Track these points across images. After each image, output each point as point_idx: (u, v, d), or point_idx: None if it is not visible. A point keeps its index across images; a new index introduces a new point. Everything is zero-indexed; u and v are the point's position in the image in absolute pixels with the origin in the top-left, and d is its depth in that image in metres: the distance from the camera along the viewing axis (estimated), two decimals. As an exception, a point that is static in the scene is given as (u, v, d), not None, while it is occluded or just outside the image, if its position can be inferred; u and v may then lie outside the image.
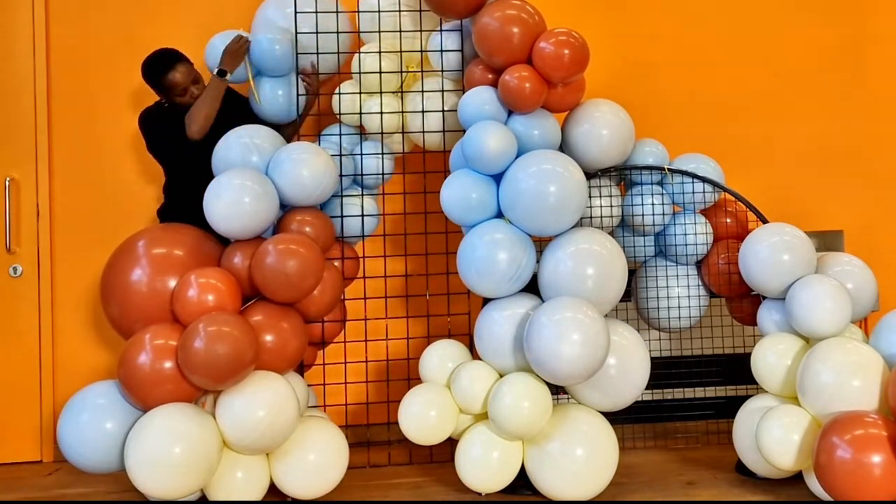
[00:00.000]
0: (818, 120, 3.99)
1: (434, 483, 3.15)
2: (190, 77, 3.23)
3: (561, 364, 2.69)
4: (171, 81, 3.19)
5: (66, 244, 3.68)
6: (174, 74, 3.19)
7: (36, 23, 3.68)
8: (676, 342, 3.69)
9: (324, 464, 2.88)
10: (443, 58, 3.29)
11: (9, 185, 3.63)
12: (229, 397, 2.73)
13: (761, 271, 3.04)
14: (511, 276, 2.92)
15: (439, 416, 2.93)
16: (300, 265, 2.83)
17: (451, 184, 3.02)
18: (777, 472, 2.90)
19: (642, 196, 3.36)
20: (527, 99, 3.01)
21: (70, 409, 2.77)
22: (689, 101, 3.92)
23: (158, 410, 2.66)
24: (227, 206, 2.87)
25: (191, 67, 3.25)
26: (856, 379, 2.68)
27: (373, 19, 3.33)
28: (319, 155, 3.06)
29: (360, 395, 3.46)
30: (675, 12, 3.97)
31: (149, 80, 3.25)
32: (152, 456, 2.59)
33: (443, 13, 3.22)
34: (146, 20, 3.75)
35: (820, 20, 4.02)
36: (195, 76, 3.26)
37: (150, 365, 2.69)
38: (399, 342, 3.44)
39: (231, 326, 2.68)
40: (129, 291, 2.89)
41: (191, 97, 3.21)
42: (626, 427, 3.47)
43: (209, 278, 2.81)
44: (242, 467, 2.78)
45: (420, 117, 3.33)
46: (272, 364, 2.83)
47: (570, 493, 2.86)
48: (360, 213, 3.35)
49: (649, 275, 3.44)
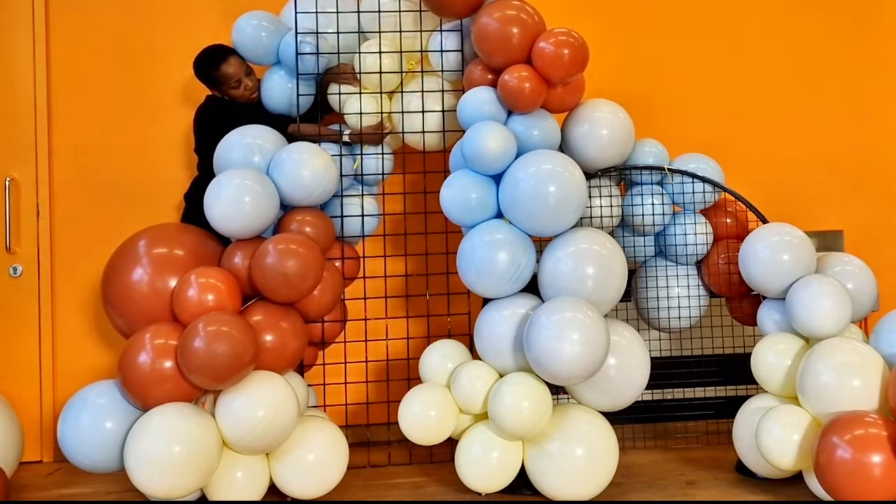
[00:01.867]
0: (818, 120, 3.99)
1: (434, 483, 3.14)
2: (242, 68, 3.32)
3: (561, 364, 2.69)
4: (224, 74, 3.28)
5: (66, 244, 3.68)
6: (227, 66, 3.28)
7: (36, 23, 3.68)
8: (676, 342, 3.69)
9: (323, 464, 2.88)
10: (443, 58, 3.29)
11: (9, 185, 3.63)
12: (229, 397, 2.73)
13: (761, 271, 3.04)
14: (511, 276, 2.92)
15: (439, 416, 2.93)
16: (300, 265, 2.83)
17: (451, 184, 3.02)
18: (777, 472, 2.90)
19: (642, 196, 3.36)
20: (526, 99, 3.01)
21: (70, 408, 2.77)
22: (689, 101, 3.93)
23: (158, 410, 2.66)
24: (227, 206, 2.88)
25: (242, 60, 3.32)
26: (856, 379, 2.67)
27: (373, 19, 3.32)
28: (320, 155, 3.06)
29: (360, 395, 3.46)
30: (675, 12, 3.97)
31: (203, 76, 3.34)
32: (152, 455, 2.59)
33: (442, 13, 3.22)
34: (146, 20, 3.75)
35: (820, 20, 4.02)
36: (247, 68, 3.34)
37: (150, 364, 2.69)
38: (399, 342, 3.44)
39: (230, 326, 2.68)
40: (130, 291, 2.90)
41: (245, 88, 3.31)
42: (626, 427, 3.47)
43: (209, 278, 2.81)
44: (242, 467, 2.78)
45: (419, 117, 3.33)
46: (272, 364, 2.83)
47: (570, 493, 2.86)
48: (360, 213, 3.36)
49: (649, 275, 3.44)
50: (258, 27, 3.33)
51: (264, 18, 3.36)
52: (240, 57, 3.33)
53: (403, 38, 3.33)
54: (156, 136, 3.73)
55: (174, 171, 3.70)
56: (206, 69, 3.31)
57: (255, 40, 3.32)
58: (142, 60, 3.74)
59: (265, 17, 3.37)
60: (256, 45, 3.33)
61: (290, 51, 3.28)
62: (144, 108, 3.74)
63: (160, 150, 3.72)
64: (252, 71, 3.36)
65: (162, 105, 3.72)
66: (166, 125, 3.70)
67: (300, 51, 3.26)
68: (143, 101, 3.74)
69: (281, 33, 3.34)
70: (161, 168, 3.72)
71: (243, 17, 3.35)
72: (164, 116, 3.71)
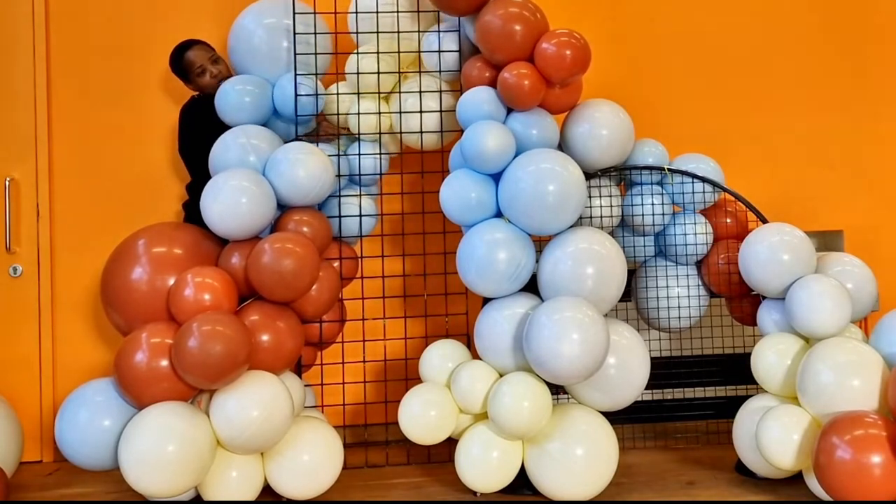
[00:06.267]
0: (818, 120, 3.99)
1: (433, 483, 3.14)
2: (207, 55, 3.36)
3: (561, 364, 2.69)
4: (187, 61, 3.35)
5: (66, 244, 3.68)
6: (189, 54, 3.34)
7: (36, 23, 3.69)
8: (676, 342, 3.69)
9: (318, 464, 2.87)
10: (440, 58, 3.29)
11: (9, 185, 3.63)
12: (223, 396, 2.72)
13: (761, 271, 3.04)
14: (510, 275, 2.92)
15: (439, 415, 2.93)
16: (296, 264, 2.83)
17: (451, 183, 3.02)
18: (777, 472, 2.90)
19: (642, 196, 3.36)
20: (525, 95, 3.00)
21: (68, 406, 2.78)
22: (689, 101, 3.92)
23: (152, 409, 2.66)
24: (224, 207, 2.87)
25: (207, 48, 3.38)
26: (856, 379, 2.67)
27: (369, 20, 3.31)
28: (316, 155, 3.05)
29: (357, 395, 3.46)
30: (675, 12, 3.97)
31: (174, 70, 3.40)
32: (145, 454, 2.59)
33: (445, 10, 3.21)
34: (146, 20, 3.75)
35: (820, 20, 4.01)
36: (213, 56, 3.38)
37: (146, 363, 2.69)
38: (397, 342, 3.44)
39: (225, 326, 2.68)
40: (129, 290, 2.90)
41: (211, 76, 3.34)
42: (626, 427, 3.46)
43: (205, 277, 2.81)
44: (237, 467, 2.78)
45: (416, 118, 3.33)
46: (268, 364, 2.83)
47: (570, 492, 2.85)
48: (357, 213, 3.35)
49: (649, 275, 3.43)
50: (242, 92, 3.22)
51: (248, 82, 3.26)
52: (205, 45, 3.38)
53: (400, 38, 3.32)
54: (156, 137, 3.72)
55: (174, 171, 3.69)
56: (174, 60, 3.37)
57: (239, 104, 3.20)
58: (143, 61, 3.74)
59: (249, 80, 3.28)
60: (240, 108, 3.20)
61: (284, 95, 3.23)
62: (145, 109, 3.74)
63: (161, 151, 3.72)
64: (220, 59, 3.39)
65: (163, 105, 3.72)
66: (167, 125, 3.69)
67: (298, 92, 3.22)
68: (143, 101, 3.75)
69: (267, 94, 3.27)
70: (161, 168, 3.72)
71: (228, 82, 3.26)
72: (165, 116, 3.70)
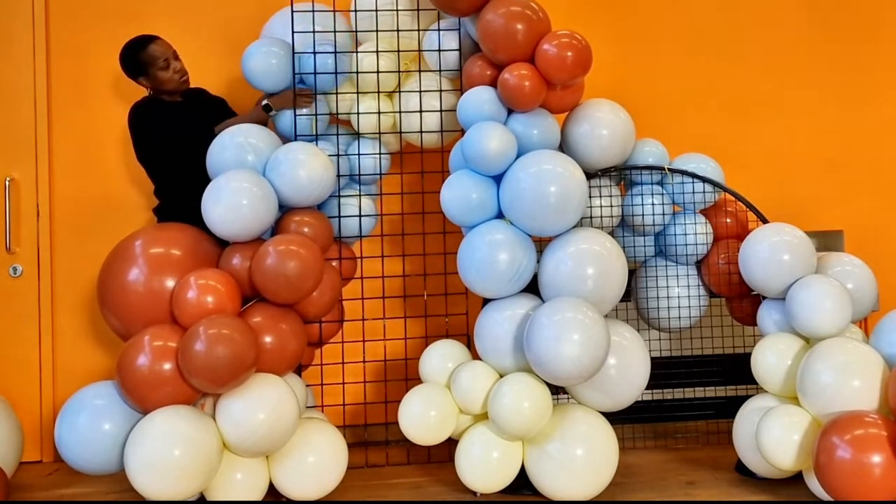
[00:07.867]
0: (818, 120, 3.98)
1: (433, 483, 3.14)
2: (170, 49, 3.23)
3: (561, 364, 2.69)
4: (152, 54, 3.17)
5: (66, 244, 3.68)
6: (152, 47, 3.18)
7: (36, 23, 3.68)
8: (676, 342, 3.69)
9: (323, 466, 2.88)
10: (440, 57, 3.28)
11: (9, 185, 3.63)
12: (229, 400, 2.72)
13: (761, 271, 3.04)
14: (511, 276, 2.92)
15: (440, 416, 2.93)
16: (300, 266, 2.82)
17: (452, 184, 3.02)
18: (777, 472, 2.90)
19: (642, 196, 3.36)
20: (526, 97, 3.00)
21: (68, 409, 2.76)
22: (689, 101, 3.92)
23: (158, 413, 2.65)
24: (226, 210, 2.86)
25: (167, 43, 3.23)
26: (856, 379, 2.67)
27: (369, 18, 3.32)
28: (317, 156, 3.04)
29: (357, 396, 3.46)
30: (675, 12, 3.97)
31: (129, 64, 3.22)
32: (153, 459, 2.58)
33: (447, 9, 3.21)
34: (146, 21, 3.74)
35: (820, 20, 4.01)
36: (174, 51, 3.25)
37: (149, 367, 2.66)
38: (397, 342, 3.44)
39: (232, 329, 2.67)
40: (126, 292, 2.87)
41: (174, 71, 3.21)
42: (626, 427, 3.46)
43: (208, 280, 2.79)
44: (242, 469, 2.78)
45: (416, 117, 3.32)
46: (272, 366, 2.82)
47: (570, 493, 2.85)
48: (357, 214, 3.35)
49: (649, 275, 3.43)
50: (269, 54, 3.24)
51: (274, 44, 3.28)
52: (163, 41, 3.22)
53: (400, 37, 3.32)
54: (155, 137, 3.72)
55: (174, 171, 3.69)
56: (131, 55, 3.18)
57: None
58: (141, 60, 3.73)
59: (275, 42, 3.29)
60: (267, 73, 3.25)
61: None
62: (144, 108, 3.73)
63: (160, 150, 3.72)
64: (178, 56, 3.26)
65: (162, 105, 3.72)
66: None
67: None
68: (142, 101, 3.74)
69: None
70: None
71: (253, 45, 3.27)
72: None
